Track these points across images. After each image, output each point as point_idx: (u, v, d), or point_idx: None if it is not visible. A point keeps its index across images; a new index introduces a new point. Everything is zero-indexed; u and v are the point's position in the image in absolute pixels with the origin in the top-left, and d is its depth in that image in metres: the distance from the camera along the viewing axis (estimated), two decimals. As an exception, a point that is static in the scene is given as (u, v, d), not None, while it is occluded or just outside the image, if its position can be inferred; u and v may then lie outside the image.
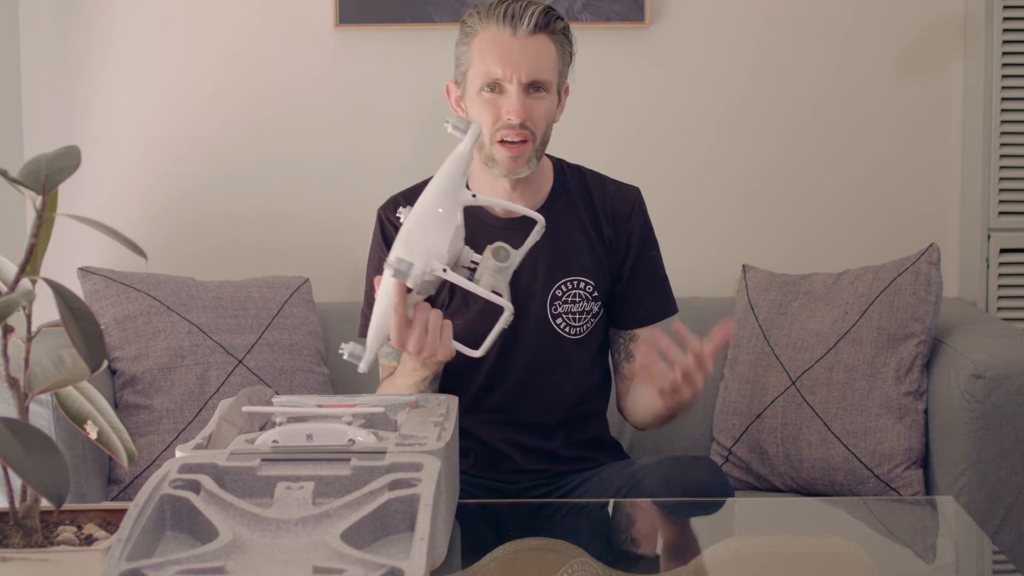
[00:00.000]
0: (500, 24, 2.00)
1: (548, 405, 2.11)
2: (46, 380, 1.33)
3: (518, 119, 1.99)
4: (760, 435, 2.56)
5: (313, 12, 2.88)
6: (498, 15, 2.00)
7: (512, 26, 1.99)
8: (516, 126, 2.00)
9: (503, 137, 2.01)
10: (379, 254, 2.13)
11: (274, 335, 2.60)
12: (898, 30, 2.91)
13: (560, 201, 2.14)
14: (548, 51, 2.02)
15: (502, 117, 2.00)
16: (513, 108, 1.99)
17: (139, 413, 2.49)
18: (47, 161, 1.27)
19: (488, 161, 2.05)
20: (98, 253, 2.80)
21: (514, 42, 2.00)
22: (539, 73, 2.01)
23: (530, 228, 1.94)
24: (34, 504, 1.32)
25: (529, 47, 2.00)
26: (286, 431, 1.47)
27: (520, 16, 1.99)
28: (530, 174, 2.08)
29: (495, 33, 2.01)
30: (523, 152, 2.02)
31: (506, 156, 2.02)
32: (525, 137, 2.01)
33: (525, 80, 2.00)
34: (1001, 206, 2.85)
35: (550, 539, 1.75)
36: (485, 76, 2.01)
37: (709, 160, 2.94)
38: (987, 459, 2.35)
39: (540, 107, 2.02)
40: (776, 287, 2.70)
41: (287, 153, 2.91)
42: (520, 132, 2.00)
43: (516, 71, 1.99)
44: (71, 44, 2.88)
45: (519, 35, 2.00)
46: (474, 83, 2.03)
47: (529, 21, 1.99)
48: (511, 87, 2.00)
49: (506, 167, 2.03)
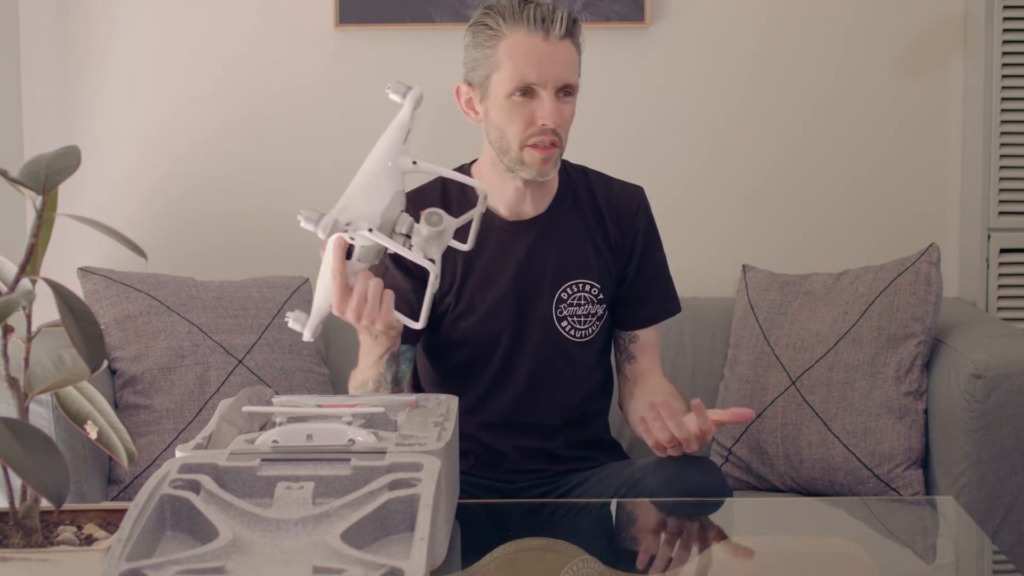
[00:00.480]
0: (531, 28, 1.98)
1: (551, 407, 2.11)
2: (46, 380, 1.33)
3: (554, 124, 1.98)
4: (760, 435, 2.56)
5: (313, 12, 2.88)
6: (528, 19, 1.98)
7: (544, 30, 1.98)
8: (550, 131, 1.99)
9: (535, 142, 2.00)
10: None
11: (274, 335, 2.60)
12: (898, 30, 2.91)
13: (566, 203, 2.13)
14: (574, 55, 2.02)
15: (536, 122, 1.99)
16: (548, 113, 1.98)
17: (139, 413, 2.49)
18: (47, 161, 1.27)
19: (514, 165, 2.03)
20: (98, 253, 2.80)
21: (547, 47, 1.98)
22: (570, 77, 2.00)
23: (534, 230, 1.94)
24: (34, 504, 1.32)
25: (561, 52, 1.99)
26: (286, 431, 1.47)
27: (552, 20, 1.98)
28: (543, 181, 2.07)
29: (526, 37, 1.98)
30: (552, 155, 2.01)
31: (538, 159, 2.00)
32: (555, 141, 2.00)
33: (559, 85, 1.99)
34: (1001, 206, 2.85)
35: (550, 539, 1.74)
36: (518, 81, 1.98)
37: (709, 160, 2.94)
38: (987, 459, 2.35)
39: (568, 111, 2.02)
40: (776, 287, 2.70)
41: (287, 153, 2.91)
42: (551, 137, 2.00)
43: (551, 76, 1.98)
44: (71, 44, 2.88)
45: (551, 40, 1.98)
46: (501, 87, 2.00)
47: (560, 26, 1.98)
48: (544, 92, 1.98)
49: (536, 170, 2.01)
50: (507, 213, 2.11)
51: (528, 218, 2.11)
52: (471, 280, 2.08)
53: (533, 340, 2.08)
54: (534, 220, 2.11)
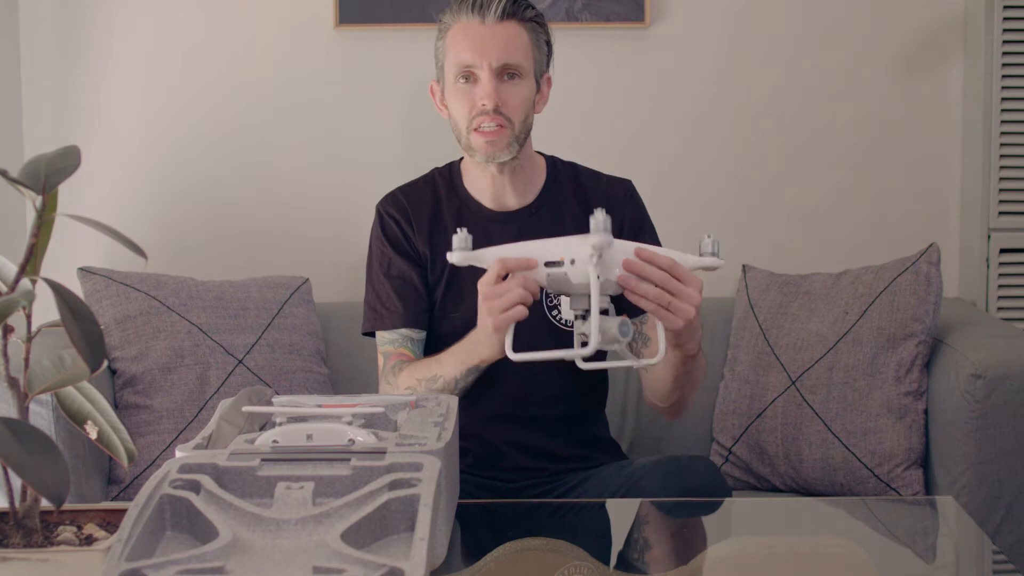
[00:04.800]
0: (469, 14, 2.05)
1: (547, 401, 2.12)
2: (46, 380, 1.33)
3: (491, 103, 2.02)
4: (760, 435, 2.56)
5: (313, 12, 2.88)
6: (467, 6, 2.05)
7: (480, 15, 2.04)
8: (490, 112, 2.02)
9: (478, 125, 2.04)
10: (380, 248, 2.15)
11: (274, 335, 2.60)
12: (898, 30, 2.91)
13: (553, 195, 2.16)
14: (519, 37, 2.06)
15: (476, 104, 2.04)
16: (486, 93, 2.03)
17: (139, 413, 2.49)
18: (47, 161, 1.27)
19: (467, 150, 2.09)
20: (98, 253, 2.80)
21: (483, 29, 2.04)
22: (509, 57, 2.04)
23: (520, 222, 1.94)
24: (34, 504, 1.32)
25: (499, 33, 2.04)
26: (286, 431, 1.46)
27: (487, 4, 2.04)
28: (521, 169, 2.11)
29: (465, 23, 2.06)
30: (500, 137, 2.05)
31: (482, 142, 2.05)
32: (501, 123, 2.04)
33: (496, 64, 2.03)
34: (1001, 206, 2.85)
35: (550, 539, 1.74)
36: (458, 65, 2.05)
37: (709, 160, 2.94)
38: (987, 459, 2.35)
39: (516, 93, 2.05)
40: (776, 287, 2.70)
41: (287, 153, 2.91)
42: (495, 118, 2.03)
43: (485, 56, 2.03)
44: (71, 44, 2.88)
45: (488, 22, 2.04)
46: (449, 75, 2.07)
47: (496, 8, 2.04)
48: (483, 73, 2.04)
49: (483, 152, 2.06)
50: (492, 204, 2.15)
51: (513, 209, 2.14)
52: (459, 272, 2.09)
53: (524, 329, 2.09)
54: (520, 211, 2.14)
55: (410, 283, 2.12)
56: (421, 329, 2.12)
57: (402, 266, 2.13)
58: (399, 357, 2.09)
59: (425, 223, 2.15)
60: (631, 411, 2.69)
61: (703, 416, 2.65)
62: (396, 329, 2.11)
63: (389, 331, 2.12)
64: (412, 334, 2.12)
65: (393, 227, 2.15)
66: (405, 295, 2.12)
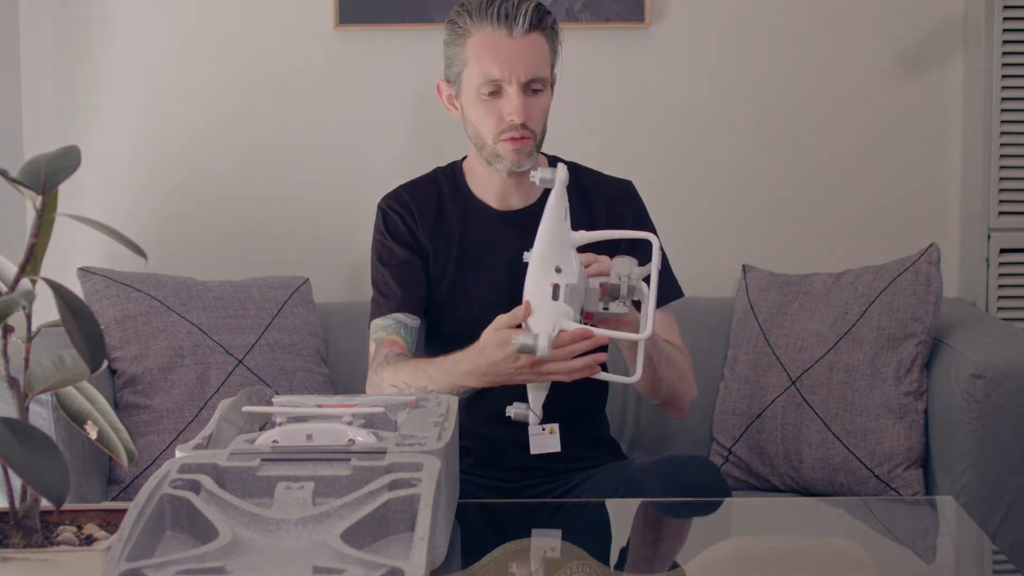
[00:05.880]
0: (495, 25, 2.02)
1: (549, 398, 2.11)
2: (46, 380, 1.33)
3: (520, 120, 2.02)
4: (760, 435, 2.56)
5: (313, 12, 2.88)
6: (492, 16, 2.02)
7: (507, 27, 2.01)
8: (518, 126, 2.02)
9: (507, 136, 2.04)
10: (380, 241, 2.16)
11: (274, 335, 2.60)
12: (898, 30, 2.91)
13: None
14: (542, 48, 2.05)
15: (504, 119, 2.03)
16: (515, 109, 2.02)
17: (139, 413, 2.49)
18: (47, 161, 1.27)
19: (491, 159, 2.08)
20: (98, 253, 2.80)
21: (510, 43, 2.01)
22: (536, 72, 2.03)
23: (526, 221, 1.93)
24: (34, 504, 1.32)
25: (526, 47, 2.02)
26: (286, 431, 1.46)
27: (515, 16, 2.01)
28: (525, 170, 2.10)
29: (490, 35, 2.02)
30: (525, 146, 2.05)
31: (511, 150, 2.04)
32: (525, 134, 2.04)
33: (524, 79, 2.02)
34: (1001, 206, 2.85)
35: (550, 539, 1.74)
36: (483, 78, 2.03)
37: (709, 160, 2.94)
38: (987, 459, 2.35)
39: (539, 104, 2.06)
40: (776, 287, 2.70)
41: (287, 154, 2.91)
42: (522, 131, 2.04)
43: (514, 72, 2.01)
44: (71, 44, 2.87)
45: (515, 35, 2.02)
46: (471, 85, 2.05)
47: (524, 20, 2.01)
48: (511, 88, 2.02)
49: (511, 161, 2.06)
50: (497, 204, 2.15)
51: (517, 209, 2.14)
52: (464, 270, 2.09)
53: None
54: (524, 211, 2.14)
55: (409, 269, 2.12)
56: (416, 315, 2.11)
57: (402, 254, 2.13)
58: (391, 346, 2.08)
59: (429, 220, 2.15)
60: (631, 411, 2.69)
61: (703, 416, 2.65)
62: (391, 314, 2.11)
63: (383, 317, 2.12)
64: (407, 319, 2.10)
65: (396, 220, 2.15)
66: (403, 279, 2.11)
